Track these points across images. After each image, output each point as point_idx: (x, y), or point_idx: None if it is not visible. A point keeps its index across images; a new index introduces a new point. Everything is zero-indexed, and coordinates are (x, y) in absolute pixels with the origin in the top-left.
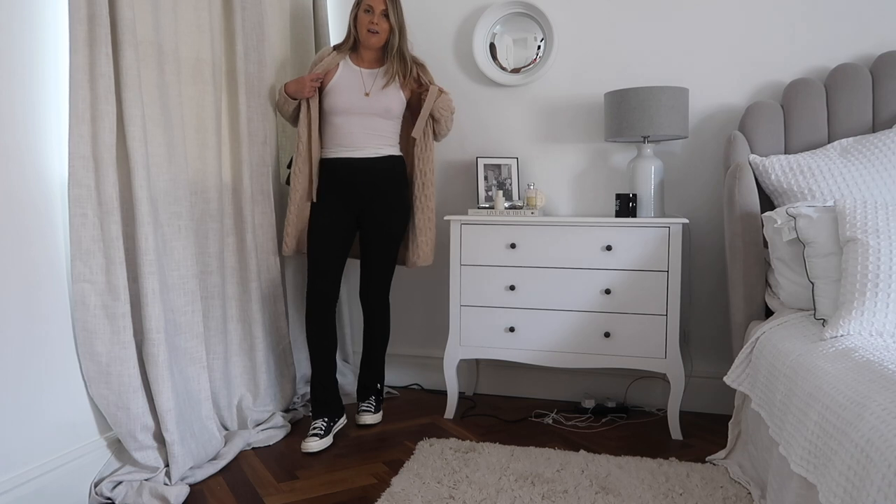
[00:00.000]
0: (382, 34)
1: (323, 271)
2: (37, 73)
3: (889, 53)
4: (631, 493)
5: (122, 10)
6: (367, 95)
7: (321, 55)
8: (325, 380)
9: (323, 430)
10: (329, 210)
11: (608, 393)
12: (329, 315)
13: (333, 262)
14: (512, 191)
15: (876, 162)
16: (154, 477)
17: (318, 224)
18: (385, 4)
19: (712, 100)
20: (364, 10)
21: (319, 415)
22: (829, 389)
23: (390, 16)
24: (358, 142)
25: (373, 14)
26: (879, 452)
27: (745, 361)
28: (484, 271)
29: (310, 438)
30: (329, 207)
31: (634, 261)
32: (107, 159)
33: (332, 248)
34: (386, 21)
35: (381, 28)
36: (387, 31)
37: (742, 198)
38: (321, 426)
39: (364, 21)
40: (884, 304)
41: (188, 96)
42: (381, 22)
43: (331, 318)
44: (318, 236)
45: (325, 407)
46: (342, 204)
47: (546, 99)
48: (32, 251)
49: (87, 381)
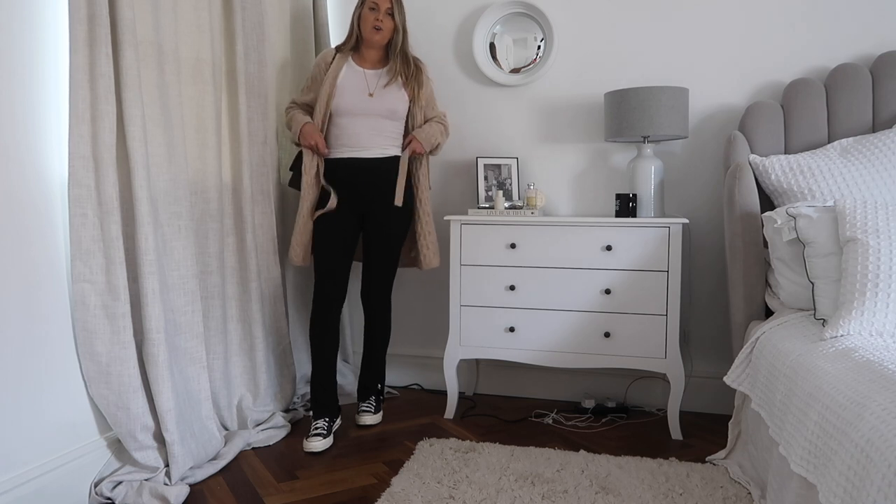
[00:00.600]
0: (386, 32)
1: (330, 272)
2: (37, 73)
3: (889, 53)
4: (631, 493)
5: (122, 10)
6: (371, 96)
7: (325, 58)
8: (325, 381)
9: (325, 430)
10: (334, 212)
11: (608, 393)
12: (334, 317)
13: (340, 263)
14: (512, 191)
15: (876, 162)
16: (154, 477)
17: (323, 226)
18: (391, 2)
19: (712, 100)
20: (369, 8)
21: (321, 415)
22: (829, 389)
23: (395, 14)
24: (363, 142)
25: (378, 12)
26: (879, 452)
27: (745, 361)
28: (484, 271)
29: (313, 438)
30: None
31: (634, 261)
32: (107, 159)
33: (338, 250)
34: (391, 19)
35: (386, 26)
36: (391, 29)
37: (742, 198)
38: (323, 426)
39: (369, 19)
40: (884, 304)
41: (188, 96)
42: (386, 20)
43: (335, 320)
44: (324, 238)
45: (325, 408)
46: (346, 205)
47: (546, 99)
48: (32, 251)
49: (87, 381)
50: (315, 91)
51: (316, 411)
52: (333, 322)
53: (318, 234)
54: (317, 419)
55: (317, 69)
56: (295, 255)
